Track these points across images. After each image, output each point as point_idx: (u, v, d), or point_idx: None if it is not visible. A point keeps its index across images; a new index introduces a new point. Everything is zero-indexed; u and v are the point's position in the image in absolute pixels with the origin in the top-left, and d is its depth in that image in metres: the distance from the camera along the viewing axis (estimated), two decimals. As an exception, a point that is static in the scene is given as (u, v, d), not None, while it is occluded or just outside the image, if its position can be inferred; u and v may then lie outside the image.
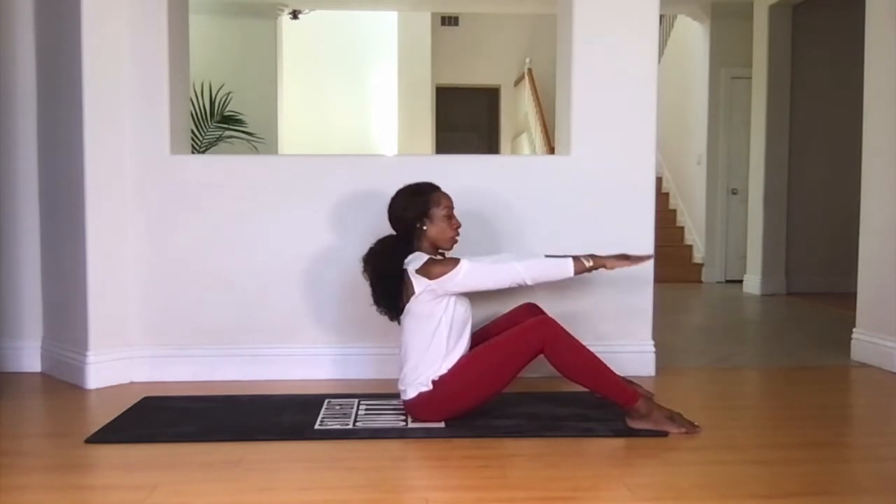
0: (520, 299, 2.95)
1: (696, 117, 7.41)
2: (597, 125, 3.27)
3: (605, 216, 3.27)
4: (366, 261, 2.62)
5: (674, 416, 2.47)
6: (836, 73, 6.27)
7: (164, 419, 2.64)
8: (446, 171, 3.00)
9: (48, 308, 3.38)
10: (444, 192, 2.67)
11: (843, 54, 6.12)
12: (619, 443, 2.39)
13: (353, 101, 10.48)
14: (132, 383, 3.18)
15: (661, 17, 6.05)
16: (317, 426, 2.53)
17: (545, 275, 2.58)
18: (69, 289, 3.20)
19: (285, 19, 7.89)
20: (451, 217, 2.65)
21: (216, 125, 6.39)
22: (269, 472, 2.13)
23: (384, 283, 2.59)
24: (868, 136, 3.68)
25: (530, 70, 10.45)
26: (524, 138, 10.66)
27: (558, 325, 2.47)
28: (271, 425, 2.55)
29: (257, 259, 3.24)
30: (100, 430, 2.49)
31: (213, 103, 6.35)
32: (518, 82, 11.21)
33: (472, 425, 2.48)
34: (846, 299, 4.46)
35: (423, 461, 2.30)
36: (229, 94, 6.50)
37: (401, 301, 2.59)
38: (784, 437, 2.46)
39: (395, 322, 2.65)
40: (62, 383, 3.19)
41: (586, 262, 2.57)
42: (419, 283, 2.50)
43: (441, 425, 2.50)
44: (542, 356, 2.46)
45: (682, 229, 7.80)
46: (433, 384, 2.51)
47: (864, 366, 3.55)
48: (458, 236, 2.67)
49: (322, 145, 9.13)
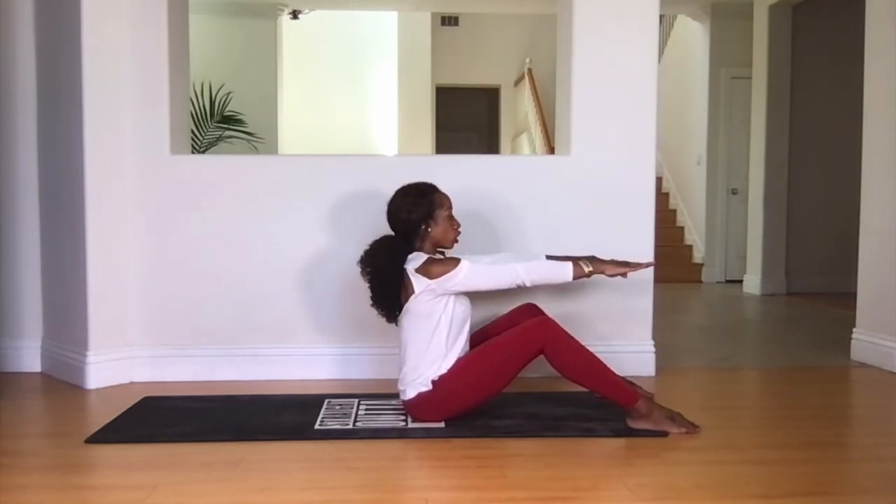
0: (520, 300, 2.95)
1: (696, 117, 7.41)
2: (597, 125, 3.27)
3: (605, 216, 3.27)
4: (364, 262, 2.60)
5: (674, 416, 2.47)
6: (836, 73, 6.27)
7: (164, 419, 2.64)
8: (446, 171, 3.00)
9: (48, 308, 3.38)
10: (443, 192, 2.68)
11: (843, 54, 6.12)
12: (619, 443, 2.39)
13: (353, 101, 10.48)
14: (132, 383, 3.18)
15: (661, 17, 6.04)
16: (317, 426, 2.53)
17: (545, 277, 2.59)
18: (69, 289, 3.20)
19: (285, 19, 7.89)
20: (452, 218, 2.66)
21: (216, 125, 6.39)
22: (269, 472, 2.13)
23: (385, 283, 2.58)
24: (868, 136, 3.68)
25: (530, 70, 10.45)
26: (524, 138, 10.67)
27: (558, 326, 2.47)
28: (271, 425, 2.55)
29: (257, 259, 3.24)
30: (100, 430, 2.49)
31: (213, 103, 6.34)
32: (518, 82, 11.21)
33: (472, 425, 2.48)
34: (846, 299, 4.46)
35: (423, 461, 2.30)
36: (229, 94, 6.49)
37: (400, 301, 2.59)
38: (784, 437, 2.46)
39: (393, 323, 2.65)
40: (62, 383, 3.19)
41: (585, 266, 2.58)
42: (419, 282, 2.50)
43: (441, 425, 2.50)
44: (542, 357, 2.46)
45: (682, 229, 7.80)
46: (433, 384, 2.51)
47: (864, 366, 3.55)
48: (458, 236, 2.68)
49: (322, 145, 9.13)
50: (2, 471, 2.15)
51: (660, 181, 7.98)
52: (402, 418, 2.60)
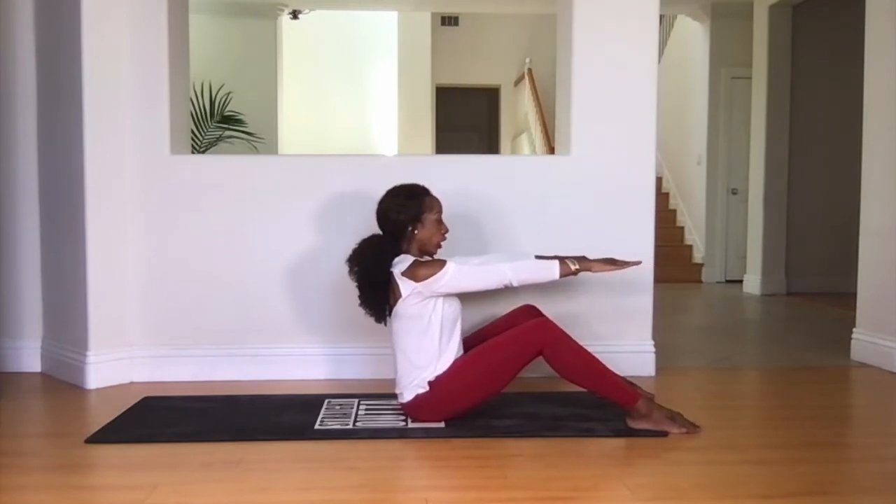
0: (518, 300, 2.95)
1: (696, 117, 7.41)
2: (597, 125, 3.27)
3: (605, 216, 3.27)
4: (352, 260, 2.58)
5: (674, 416, 2.47)
6: (836, 73, 6.27)
7: (164, 419, 2.64)
8: (446, 171, 3.00)
9: (48, 308, 3.38)
10: (434, 195, 2.67)
11: (843, 54, 6.12)
12: (619, 443, 2.39)
13: (353, 101, 10.48)
14: (132, 383, 3.18)
15: (661, 17, 6.05)
16: (317, 426, 2.53)
17: (532, 277, 2.57)
18: (69, 289, 3.20)
19: (285, 19, 7.89)
20: (440, 222, 2.65)
21: (216, 125, 6.39)
22: (269, 472, 2.13)
23: (372, 285, 2.56)
24: (868, 136, 3.68)
25: (530, 70, 10.45)
26: (524, 138, 10.67)
27: (557, 327, 2.47)
28: (271, 425, 2.55)
29: (257, 259, 3.24)
30: (100, 430, 2.49)
31: (213, 103, 6.34)
32: (518, 82, 11.21)
33: (472, 425, 2.48)
34: (846, 299, 4.46)
35: (422, 461, 2.30)
36: (229, 94, 6.49)
37: (388, 303, 2.58)
38: (784, 437, 2.46)
39: (382, 324, 2.64)
40: (62, 383, 3.19)
41: (572, 264, 2.56)
42: (405, 285, 2.49)
43: (441, 425, 2.50)
44: (541, 357, 2.46)
45: (682, 229, 7.80)
46: (430, 385, 2.51)
47: (864, 366, 3.55)
48: (444, 241, 2.66)
49: (322, 145, 9.12)
50: (2, 471, 2.15)
51: (660, 181, 7.98)
52: (402, 418, 2.60)
